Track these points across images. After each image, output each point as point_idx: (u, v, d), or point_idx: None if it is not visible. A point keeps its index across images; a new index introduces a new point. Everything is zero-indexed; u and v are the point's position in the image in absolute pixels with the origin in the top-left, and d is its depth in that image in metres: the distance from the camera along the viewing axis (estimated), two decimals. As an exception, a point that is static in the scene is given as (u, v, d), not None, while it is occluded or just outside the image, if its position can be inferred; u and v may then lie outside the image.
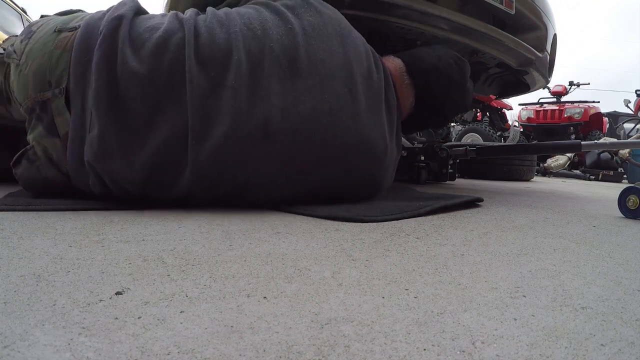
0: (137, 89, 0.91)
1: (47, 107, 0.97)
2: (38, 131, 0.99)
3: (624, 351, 0.35)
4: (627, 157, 2.93)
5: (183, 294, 0.44)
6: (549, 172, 4.52)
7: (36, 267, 0.51)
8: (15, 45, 1.04)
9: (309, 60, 0.99)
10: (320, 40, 1.02)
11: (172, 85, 0.92)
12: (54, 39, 0.99)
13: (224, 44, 0.95)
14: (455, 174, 2.15)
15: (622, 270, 0.61)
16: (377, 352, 0.33)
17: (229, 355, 0.32)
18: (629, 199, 1.20)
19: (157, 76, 0.91)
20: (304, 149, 0.97)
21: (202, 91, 0.92)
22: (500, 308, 0.43)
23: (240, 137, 0.92)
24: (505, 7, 1.49)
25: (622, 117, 8.27)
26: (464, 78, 1.30)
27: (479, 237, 0.79)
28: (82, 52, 0.95)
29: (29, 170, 1.01)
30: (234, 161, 0.94)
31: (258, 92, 0.95)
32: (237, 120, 0.92)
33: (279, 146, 0.95)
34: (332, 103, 0.99)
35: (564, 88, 7.19)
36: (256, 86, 0.94)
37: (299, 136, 0.96)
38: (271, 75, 0.96)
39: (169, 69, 0.92)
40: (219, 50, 0.95)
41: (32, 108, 0.99)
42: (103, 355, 0.31)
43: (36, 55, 0.98)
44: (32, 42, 1.01)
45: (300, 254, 0.61)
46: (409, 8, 1.31)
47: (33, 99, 0.98)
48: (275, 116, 0.94)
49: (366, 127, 1.04)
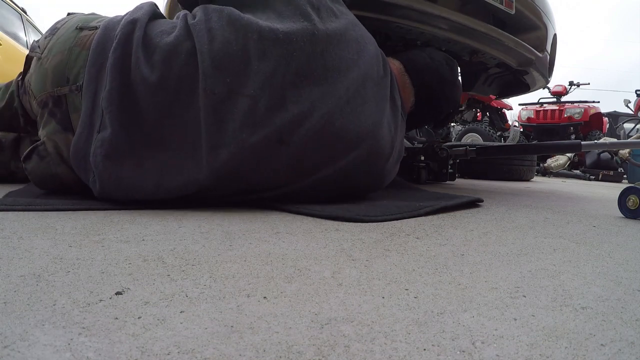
0: (148, 95, 0.92)
1: (61, 102, 0.99)
2: (51, 126, 1.00)
3: (624, 351, 0.35)
4: (627, 157, 2.93)
5: (183, 294, 0.44)
6: (549, 172, 4.52)
7: (36, 267, 0.51)
8: (40, 41, 1.08)
9: (327, 68, 0.99)
10: (339, 48, 1.02)
11: (184, 92, 0.92)
12: (75, 36, 1.02)
13: (240, 51, 0.93)
14: (455, 174, 2.15)
15: (622, 270, 0.61)
16: (377, 352, 0.33)
17: (229, 355, 0.32)
18: (629, 199, 1.20)
19: (168, 83, 0.92)
20: (317, 149, 0.99)
21: (217, 98, 0.91)
22: (500, 308, 0.43)
23: (257, 144, 0.94)
24: (505, 7, 1.49)
25: (622, 117, 8.27)
26: (454, 75, 1.37)
27: (479, 237, 0.79)
28: (99, 53, 0.96)
29: (39, 166, 1.02)
30: (249, 166, 0.95)
31: (276, 100, 0.94)
32: (253, 128, 0.93)
33: (294, 148, 0.97)
34: (345, 107, 1.00)
35: (564, 88, 7.19)
36: (274, 95, 0.94)
37: (313, 140, 0.98)
38: (290, 83, 0.96)
39: (179, 76, 0.92)
40: (236, 56, 0.93)
41: (46, 102, 1.01)
42: (103, 355, 0.31)
43: (58, 50, 1.01)
44: (55, 38, 1.04)
45: (300, 254, 0.61)
46: (409, 8, 1.31)
47: (49, 92, 1.00)
48: (292, 123, 0.95)
49: (375, 127, 1.06)
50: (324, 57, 0.99)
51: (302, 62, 0.97)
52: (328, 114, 0.98)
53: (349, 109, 1.01)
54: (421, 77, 1.28)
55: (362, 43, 1.08)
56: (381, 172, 1.14)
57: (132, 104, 0.93)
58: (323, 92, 0.98)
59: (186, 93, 0.92)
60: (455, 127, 6.57)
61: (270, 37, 0.95)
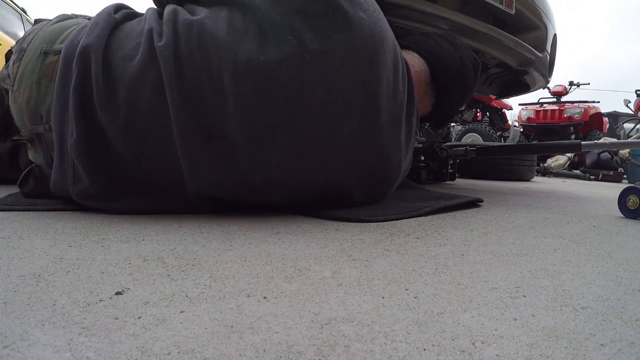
0: (120, 138, 0.82)
1: (41, 139, 0.93)
2: (40, 158, 0.96)
3: (624, 351, 0.35)
4: (627, 157, 2.93)
5: (183, 294, 0.44)
6: (549, 172, 4.52)
7: (36, 267, 0.51)
8: (9, 67, 0.98)
9: (325, 98, 0.81)
10: (345, 70, 0.81)
11: (156, 134, 0.82)
12: (40, 65, 0.92)
13: (214, 84, 0.78)
14: (455, 174, 2.15)
15: (622, 270, 0.61)
16: (377, 352, 0.33)
17: (229, 355, 0.32)
18: (629, 199, 1.20)
19: (137, 125, 0.81)
20: (313, 184, 0.90)
21: (193, 144, 0.80)
22: (500, 308, 0.43)
23: (245, 190, 0.87)
24: (505, 7, 1.49)
25: (622, 117, 8.27)
26: (477, 82, 1.24)
27: (479, 237, 0.79)
28: (61, 89, 0.86)
29: (38, 186, 0.98)
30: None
31: (259, 146, 0.81)
32: (238, 177, 0.84)
33: (287, 189, 0.89)
34: (347, 139, 0.86)
35: (564, 88, 7.19)
36: (258, 139, 0.80)
37: (308, 181, 0.88)
38: (279, 122, 0.80)
39: (148, 114, 0.81)
40: (210, 90, 0.78)
41: (30, 138, 0.96)
42: (103, 355, 0.31)
43: (26, 84, 0.93)
44: (22, 64, 0.95)
45: (300, 254, 0.61)
46: (409, 8, 1.31)
47: (30, 130, 0.94)
48: (281, 173, 0.85)
49: (385, 145, 0.92)
50: (325, 86, 0.80)
51: (292, 95, 0.79)
52: (324, 155, 0.85)
53: (352, 141, 0.86)
54: (447, 87, 1.14)
55: (377, 54, 0.85)
56: (387, 193, 1.05)
57: (104, 150, 0.83)
58: (320, 129, 0.83)
59: (158, 134, 0.81)
60: (455, 127, 6.57)
61: (247, 70, 0.77)
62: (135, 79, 0.80)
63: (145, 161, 0.84)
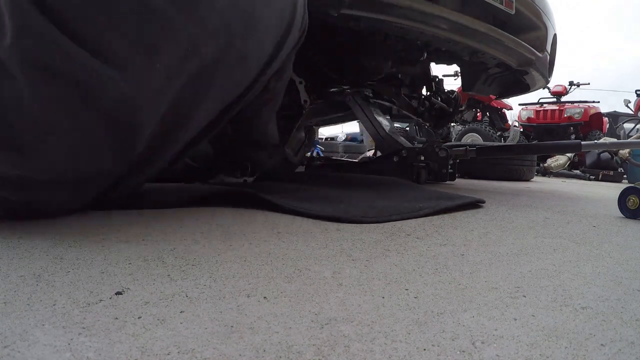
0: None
1: None
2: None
3: (624, 351, 0.35)
4: (627, 157, 2.93)
5: (183, 294, 0.44)
6: (549, 172, 4.51)
7: (36, 267, 0.51)
8: None
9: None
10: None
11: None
12: None
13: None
14: (455, 174, 2.15)
15: (622, 270, 0.61)
16: (377, 352, 0.33)
17: (229, 355, 0.32)
18: (629, 199, 1.20)
19: None
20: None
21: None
22: (500, 308, 0.43)
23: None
24: (505, 7, 1.49)
25: (622, 117, 8.26)
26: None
27: (479, 237, 0.79)
28: None
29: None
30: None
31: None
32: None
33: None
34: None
35: (564, 88, 7.18)
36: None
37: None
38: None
39: None
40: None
41: None
42: (103, 355, 0.31)
43: None
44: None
45: (300, 254, 0.61)
46: (409, 8, 1.31)
47: None
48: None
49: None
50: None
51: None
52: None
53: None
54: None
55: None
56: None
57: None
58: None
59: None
60: (455, 127, 6.57)
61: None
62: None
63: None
